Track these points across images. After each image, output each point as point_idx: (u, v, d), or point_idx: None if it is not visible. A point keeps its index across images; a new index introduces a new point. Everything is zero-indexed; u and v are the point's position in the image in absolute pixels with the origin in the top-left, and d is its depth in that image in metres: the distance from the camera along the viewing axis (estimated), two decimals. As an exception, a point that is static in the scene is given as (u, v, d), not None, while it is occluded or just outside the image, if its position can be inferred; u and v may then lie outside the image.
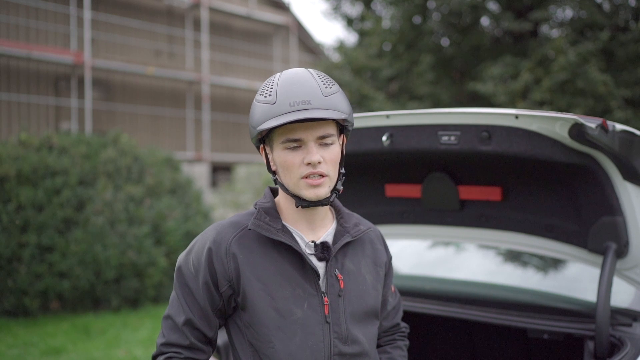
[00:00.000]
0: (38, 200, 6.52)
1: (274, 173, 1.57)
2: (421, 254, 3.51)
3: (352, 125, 1.58)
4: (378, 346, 1.79)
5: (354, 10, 12.06)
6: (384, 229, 2.85)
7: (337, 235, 1.60)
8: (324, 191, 1.50)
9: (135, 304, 7.00)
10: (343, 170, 1.58)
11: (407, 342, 1.86)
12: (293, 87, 1.48)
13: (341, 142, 1.59)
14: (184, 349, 1.53)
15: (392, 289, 1.80)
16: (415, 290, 2.85)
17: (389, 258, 1.75)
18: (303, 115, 1.43)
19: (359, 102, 10.07)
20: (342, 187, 1.58)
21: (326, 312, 1.53)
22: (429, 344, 3.16)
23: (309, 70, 1.55)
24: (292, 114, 1.44)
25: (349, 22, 12.15)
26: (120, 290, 6.81)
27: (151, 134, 16.71)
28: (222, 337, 2.36)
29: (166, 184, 7.53)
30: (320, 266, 1.56)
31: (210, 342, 1.58)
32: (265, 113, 1.48)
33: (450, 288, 3.02)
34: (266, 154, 1.57)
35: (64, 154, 7.04)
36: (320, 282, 1.55)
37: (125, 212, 6.93)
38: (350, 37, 19.82)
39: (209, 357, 1.59)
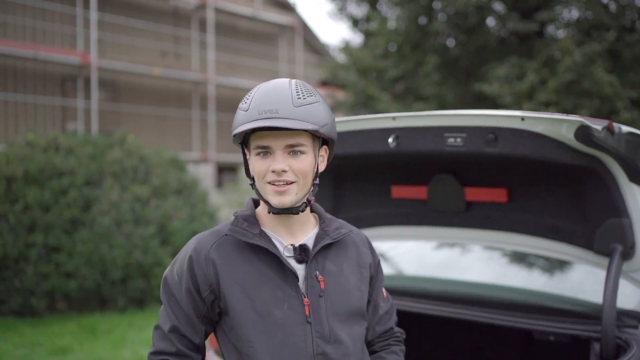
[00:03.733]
0: (45, 200, 6.56)
1: (252, 178, 1.62)
2: (426, 255, 3.51)
3: (333, 137, 1.60)
4: (373, 352, 1.80)
5: (360, 11, 12.05)
6: (389, 230, 2.85)
7: (317, 239, 1.63)
8: (289, 199, 1.53)
9: (141, 304, 7.03)
10: (317, 181, 1.60)
11: (403, 348, 1.86)
12: (265, 96, 1.52)
13: (322, 154, 1.62)
14: (172, 355, 1.57)
15: (384, 294, 1.81)
16: (420, 291, 2.86)
17: (376, 261, 1.77)
18: (263, 124, 1.47)
19: (365, 103, 10.06)
20: (313, 198, 1.62)
21: (307, 312, 1.56)
22: (434, 345, 3.17)
23: (290, 81, 1.57)
24: (255, 121, 1.49)
25: (355, 22, 12.14)
26: (126, 290, 6.83)
27: (157, 134, 16.75)
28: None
29: (172, 185, 7.56)
30: (299, 268, 1.59)
31: (199, 349, 1.62)
32: (238, 120, 1.54)
33: (456, 289, 3.02)
34: (246, 159, 1.63)
35: (70, 155, 7.08)
36: (300, 283, 1.58)
37: (131, 213, 6.95)
38: (355, 38, 19.80)
39: None
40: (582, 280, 2.83)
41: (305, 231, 1.65)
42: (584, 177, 2.19)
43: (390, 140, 2.29)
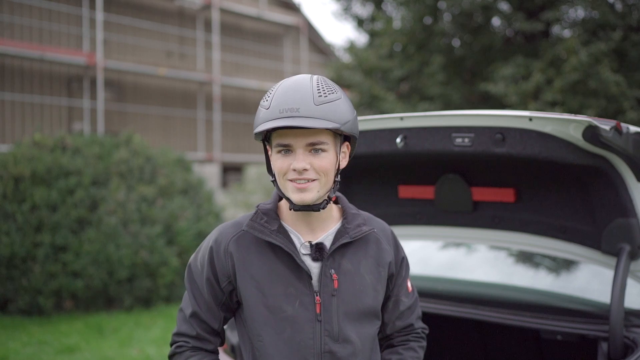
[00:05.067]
0: (52, 200, 6.59)
1: (273, 175, 1.61)
2: (434, 255, 3.51)
3: (354, 134, 1.59)
4: (391, 346, 1.81)
5: (365, 11, 12.06)
6: (396, 230, 2.85)
7: (337, 236, 1.63)
8: (309, 196, 1.52)
9: (147, 303, 7.06)
10: (338, 179, 1.60)
11: (423, 344, 1.85)
12: (286, 94, 1.51)
13: (343, 150, 1.61)
14: (192, 338, 1.65)
15: (409, 288, 1.80)
16: (428, 291, 2.86)
17: (400, 257, 1.75)
18: (284, 123, 1.46)
19: (370, 103, 10.07)
20: (334, 195, 1.62)
21: (318, 310, 1.58)
22: (442, 344, 3.17)
23: (312, 77, 1.56)
24: (277, 120, 1.48)
25: (360, 22, 12.14)
26: (132, 289, 6.86)
27: (162, 134, 16.80)
28: (237, 337, 2.38)
29: (178, 185, 7.59)
30: (315, 266, 1.60)
31: (218, 333, 1.68)
32: (260, 117, 1.54)
33: (463, 289, 3.02)
34: (268, 156, 1.63)
35: (77, 155, 7.11)
36: (314, 281, 1.59)
37: (137, 212, 6.98)
38: (360, 38, 19.82)
39: (216, 346, 1.69)
40: (589, 280, 2.83)
41: (326, 227, 1.65)
42: (592, 177, 2.19)
43: (398, 140, 2.30)
